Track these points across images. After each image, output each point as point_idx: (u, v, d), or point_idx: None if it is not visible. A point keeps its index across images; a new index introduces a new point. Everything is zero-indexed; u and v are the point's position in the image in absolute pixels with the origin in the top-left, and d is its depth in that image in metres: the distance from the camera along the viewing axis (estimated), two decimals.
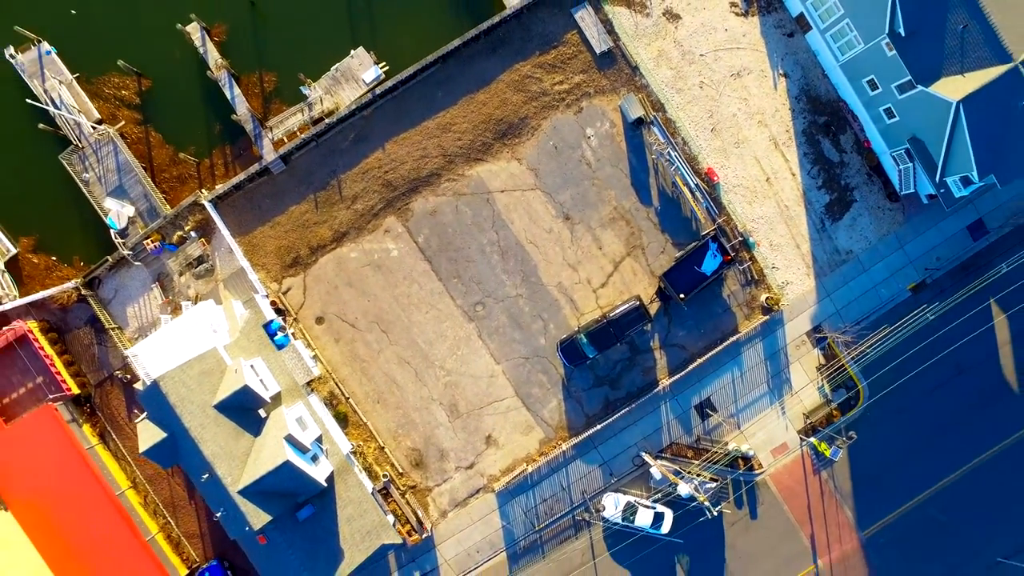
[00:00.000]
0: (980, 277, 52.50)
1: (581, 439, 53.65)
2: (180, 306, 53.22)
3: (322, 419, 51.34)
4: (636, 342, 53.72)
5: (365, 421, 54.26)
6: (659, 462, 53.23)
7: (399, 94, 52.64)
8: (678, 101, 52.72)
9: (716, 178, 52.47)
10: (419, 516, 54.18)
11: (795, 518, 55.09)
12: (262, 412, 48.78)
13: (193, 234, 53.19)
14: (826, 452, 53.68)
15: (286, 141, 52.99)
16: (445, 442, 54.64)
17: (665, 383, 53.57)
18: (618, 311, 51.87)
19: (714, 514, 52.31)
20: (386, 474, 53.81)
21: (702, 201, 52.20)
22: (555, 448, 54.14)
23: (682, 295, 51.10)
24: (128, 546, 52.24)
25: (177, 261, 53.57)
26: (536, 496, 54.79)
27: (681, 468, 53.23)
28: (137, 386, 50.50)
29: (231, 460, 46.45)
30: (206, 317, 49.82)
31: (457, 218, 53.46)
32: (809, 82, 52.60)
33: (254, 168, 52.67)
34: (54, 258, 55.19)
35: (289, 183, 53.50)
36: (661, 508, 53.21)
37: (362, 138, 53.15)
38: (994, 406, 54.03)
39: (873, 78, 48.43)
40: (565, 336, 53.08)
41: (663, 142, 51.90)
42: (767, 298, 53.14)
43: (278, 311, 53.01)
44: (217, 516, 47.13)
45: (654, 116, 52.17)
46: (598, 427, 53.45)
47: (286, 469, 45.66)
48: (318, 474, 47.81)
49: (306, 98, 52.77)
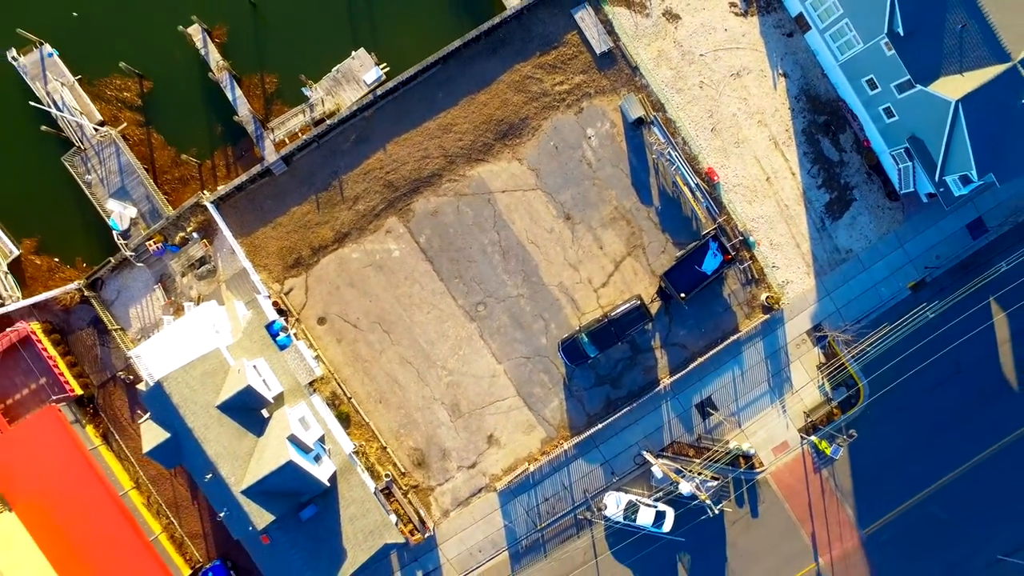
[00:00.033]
0: (979, 275, 52.64)
1: (583, 438, 53.80)
2: (182, 307, 53.29)
3: (324, 419, 51.48)
4: (637, 341, 53.88)
5: (367, 421, 54.40)
6: (660, 461, 53.37)
7: (400, 95, 52.77)
8: (678, 101, 52.87)
9: (716, 178, 52.61)
10: (421, 515, 54.32)
11: (796, 516, 55.23)
12: (265, 412, 48.94)
13: (195, 235, 53.30)
14: (827, 450, 53.82)
15: (287, 142, 53.11)
16: (447, 442, 54.79)
17: (666, 382, 53.72)
18: (619, 310, 52.03)
19: (715, 512, 52.41)
20: (388, 474, 53.96)
21: (702, 200, 52.34)
22: (557, 447, 54.28)
23: (683, 294, 51.23)
24: (131, 546, 52.26)
25: (179, 262, 53.67)
26: (538, 495, 54.93)
27: (682, 467, 53.36)
28: (140, 387, 50.62)
29: (234, 460, 46.59)
30: (209, 318, 49.93)
31: (458, 218, 53.61)
32: (808, 82, 52.75)
33: (256, 169, 52.79)
34: (57, 259, 55.32)
35: (291, 184, 53.64)
36: (662, 507, 53.39)
37: (363, 139, 53.29)
38: (994, 404, 54.17)
39: (872, 77, 48.57)
40: (566, 336, 53.24)
41: (663, 142, 52.04)
42: (767, 297, 53.29)
43: (280, 312, 53.16)
44: (220, 516, 47.19)
45: (654, 116, 52.31)
46: (599, 426, 53.60)
47: (289, 469, 45.82)
48: (321, 474, 47.95)
49: (307, 99, 52.90)
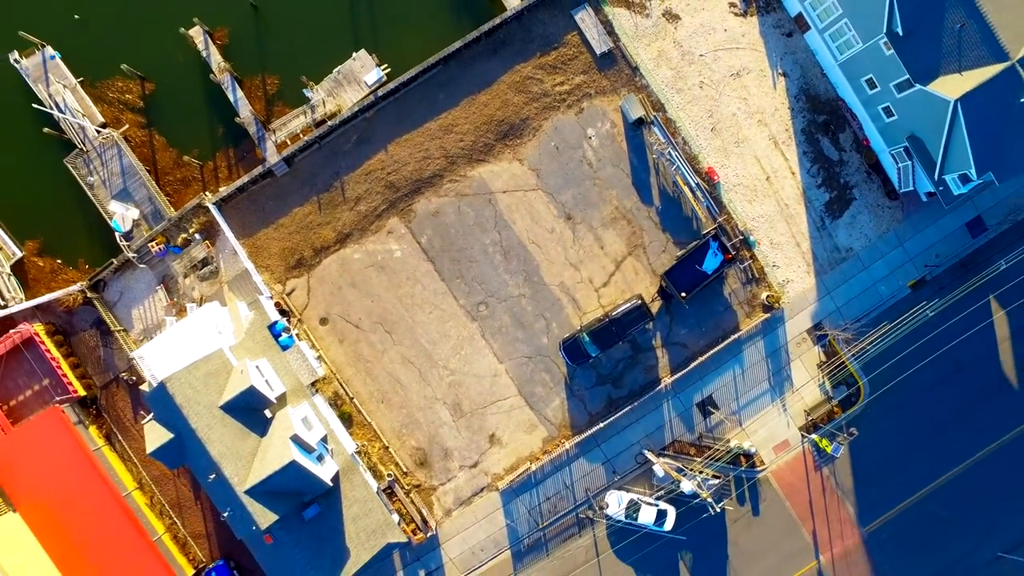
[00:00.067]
0: (979, 274, 52.76)
1: (584, 437, 53.94)
2: (185, 308, 53.44)
3: (327, 419, 51.63)
4: (638, 340, 54.02)
5: (369, 421, 54.55)
6: (662, 459, 53.52)
7: (401, 96, 52.91)
8: (678, 101, 53.02)
9: (716, 177, 52.75)
10: (424, 515, 54.46)
11: (797, 514, 55.36)
12: (268, 412, 49.10)
13: (197, 236, 53.43)
14: (827, 448, 53.93)
15: (289, 143, 53.25)
16: (449, 441, 54.94)
17: (667, 381, 53.86)
18: (620, 310, 52.17)
19: (717, 511, 52.55)
20: (391, 473, 54.11)
21: (703, 200, 52.49)
22: (558, 446, 54.43)
23: (683, 293, 51.36)
24: (135, 547, 52.41)
25: (182, 263, 53.81)
26: (540, 494, 55.08)
27: (684, 465, 53.50)
28: (143, 387, 50.73)
29: (237, 460, 46.75)
30: (211, 319, 50.11)
31: (459, 219, 53.76)
32: (808, 81, 52.90)
33: (257, 170, 52.93)
34: (59, 261, 55.47)
35: (292, 185, 53.78)
36: (664, 505, 53.53)
37: (365, 140, 53.44)
38: (994, 402, 54.30)
39: (871, 77, 48.70)
40: (568, 335, 53.39)
41: (664, 142, 52.18)
42: (768, 296, 53.44)
43: (282, 312, 53.30)
44: (224, 516, 47.35)
45: (654, 116, 52.45)
46: (601, 425, 53.74)
47: (292, 469, 45.98)
48: (324, 474, 48.08)
49: (309, 100, 53.05)
